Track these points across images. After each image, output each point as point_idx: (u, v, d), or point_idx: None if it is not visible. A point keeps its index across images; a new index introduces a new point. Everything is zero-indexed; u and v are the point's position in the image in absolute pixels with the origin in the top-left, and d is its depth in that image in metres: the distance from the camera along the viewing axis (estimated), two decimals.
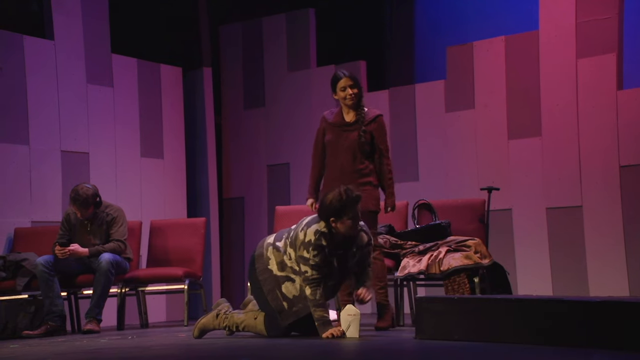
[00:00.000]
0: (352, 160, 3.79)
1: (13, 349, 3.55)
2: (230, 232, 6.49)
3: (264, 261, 3.33)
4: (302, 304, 3.28)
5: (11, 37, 5.09)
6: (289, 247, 3.28)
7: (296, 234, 3.25)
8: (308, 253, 3.18)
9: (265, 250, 3.34)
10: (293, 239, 3.27)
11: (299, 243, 3.22)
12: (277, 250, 3.30)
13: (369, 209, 3.76)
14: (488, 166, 5.45)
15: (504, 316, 2.86)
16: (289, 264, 3.27)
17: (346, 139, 3.80)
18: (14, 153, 5.04)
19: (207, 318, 3.43)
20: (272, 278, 3.29)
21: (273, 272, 3.29)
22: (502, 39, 5.45)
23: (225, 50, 6.61)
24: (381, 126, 3.84)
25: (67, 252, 4.46)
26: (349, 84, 3.80)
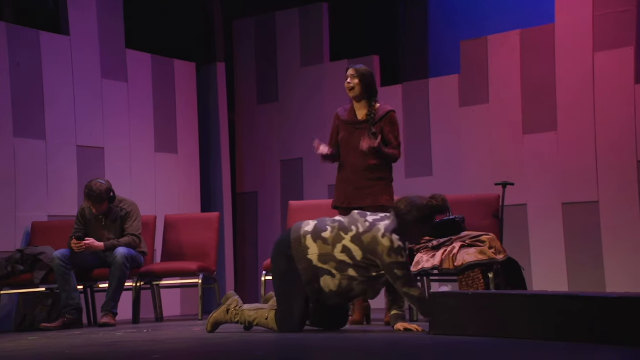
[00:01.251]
0: (364, 158, 3.79)
1: (31, 341, 3.59)
2: (243, 227, 6.51)
3: (302, 249, 3.24)
4: (337, 300, 3.27)
5: (27, 32, 5.13)
6: (347, 242, 3.20)
7: (374, 239, 3.17)
8: (402, 257, 3.19)
9: (303, 238, 3.26)
10: (366, 240, 3.18)
11: (385, 250, 3.17)
12: (323, 242, 3.23)
13: (382, 204, 3.77)
14: (502, 161, 5.42)
15: (519, 312, 2.85)
16: (339, 257, 3.21)
17: (357, 137, 3.81)
18: (30, 148, 5.09)
19: (218, 312, 3.42)
20: (311, 268, 3.23)
21: (312, 262, 3.23)
22: (517, 33, 5.41)
23: (239, 45, 6.61)
24: (392, 122, 3.83)
25: (82, 246, 4.50)
26: (351, 74, 3.82)
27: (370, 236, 3.21)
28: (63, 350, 3.01)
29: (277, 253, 3.33)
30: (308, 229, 3.29)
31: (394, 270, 3.18)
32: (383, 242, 3.19)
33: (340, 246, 3.22)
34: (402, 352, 2.58)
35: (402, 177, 5.83)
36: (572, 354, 2.42)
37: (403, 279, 3.18)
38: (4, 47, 4.97)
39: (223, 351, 2.80)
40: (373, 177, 3.79)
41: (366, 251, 3.21)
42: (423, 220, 3.25)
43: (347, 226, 3.26)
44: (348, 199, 3.85)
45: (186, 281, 5.06)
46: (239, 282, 6.41)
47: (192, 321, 4.69)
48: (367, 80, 3.82)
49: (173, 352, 2.82)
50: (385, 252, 3.18)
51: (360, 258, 3.22)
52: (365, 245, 3.21)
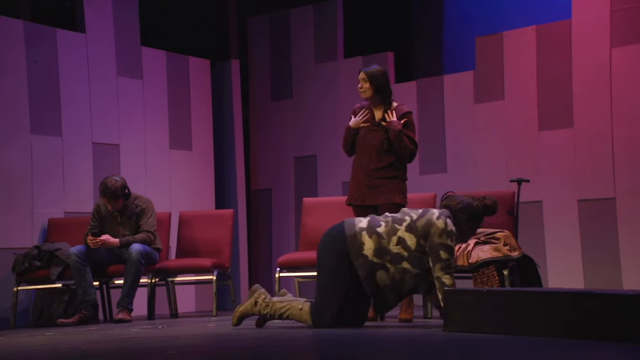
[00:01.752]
0: (378, 160, 3.81)
1: (49, 337, 3.63)
2: (257, 224, 6.53)
3: (358, 245, 3.25)
4: (391, 295, 3.28)
5: (44, 30, 5.18)
6: (402, 233, 3.23)
7: (429, 221, 3.21)
8: (452, 241, 3.21)
9: (359, 235, 3.27)
10: (420, 225, 3.21)
11: (438, 231, 3.19)
12: (379, 237, 3.25)
13: (395, 202, 3.78)
14: (518, 158, 5.38)
15: (534, 309, 2.83)
16: (394, 250, 3.23)
17: (373, 138, 3.82)
18: (47, 145, 5.13)
19: (245, 306, 3.41)
20: (367, 264, 3.24)
21: (368, 258, 3.24)
22: (533, 29, 5.37)
23: (253, 42, 6.62)
24: (408, 124, 3.83)
25: (98, 242, 4.54)
26: (362, 78, 3.83)
27: (425, 220, 3.23)
28: (80, 346, 3.04)
29: (328, 249, 3.32)
30: (363, 225, 3.31)
31: (440, 252, 3.19)
32: (437, 224, 3.21)
33: (396, 238, 3.24)
34: (417, 349, 2.58)
35: (416, 174, 5.81)
36: (588, 352, 2.40)
37: (444, 263, 3.18)
38: (22, 45, 5.02)
39: (238, 347, 2.81)
40: (387, 176, 3.80)
41: (419, 236, 3.22)
42: (474, 219, 3.31)
43: (400, 218, 3.30)
44: (362, 196, 3.86)
45: (201, 278, 5.08)
46: (253, 278, 6.43)
47: (207, 317, 4.71)
48: (379, 82, 3.81)
49: (188, 348, 2.84)
50: (438, 233, 3.20)
51: (414, 247, 3.23)
52: (419, 230, 3.23)
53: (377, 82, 3.81)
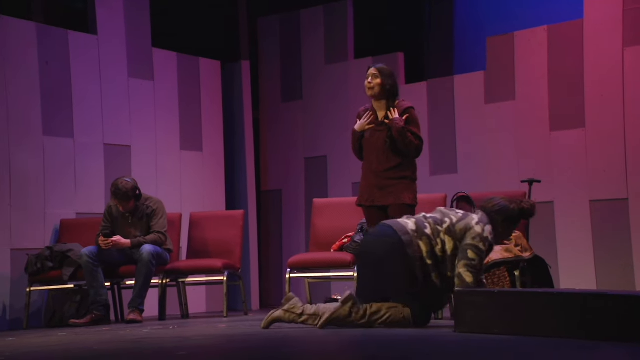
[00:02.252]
0: (386, 160, 3.79)
1: (61, 337, 3.65)
2: (268, 225, 6.53)
3: (415, 248, 3.26)
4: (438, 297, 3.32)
5: (56, 32, 5.21)
6: (443, 235, 3.25)
7: (467, 225, 3.25)
8: (484, 246, 3.24)
9: (413, 238, 3.28)
10: (458, 228, 3.24)
11: (473, 234, 3.23)
12: (428, 239, 3.27)
13: (405, 202, 3.77)
14: (529, 158, 5.36)
15: (545, 310, 2.81)
16: (438, 252, 3.26)
17: (378, 138, 3.81)
18: (59, 146, 5.17)
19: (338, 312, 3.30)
20: (425, 267, 3.26)
21: (425, 261, 3.27)
22: (545, 29, 5.34)
23: (263, 43, 6.63)
24: (410, 119, 3.80)
25: (110, 243, 4.56)
26: (372, 73, 3.80)
27: (464, 224, 3.26)
28: (92, 347, 3.05)
29: (393, 254, 3.29)
30: (413, 228, 3.31)
31: (468, 251, 3.21)
32: (475, 228, 3.24)
33: (439, 241, 3.27)
34: (427, 350, 2.57)
35: (427, 174, 5.80)
36: (599, 353, 2.38)
37: (469, 261, 3.18)
38: (34, 47, 5.06)
39: (249, 348, 2.82)
40: (396, 177, 3.79)
41: (457, 240, 3.25)
42: (510, 221, 3.33)
43: (440, 219, 3.31)
44: (372, 197, 3.85)
45: (211, 278, 5.10)
46: (263, 279, 6.44)
47: (218, 318, 4.72)
48: (389, 81, 3.80)
49: (199, 349, 2.85)
50: (472, 235, 3.23)
51: (450, 251, 3.25)
52: (457, 234, 3.26)
53: (387, 81, 3.80)
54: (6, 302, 4.77)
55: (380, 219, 3.73)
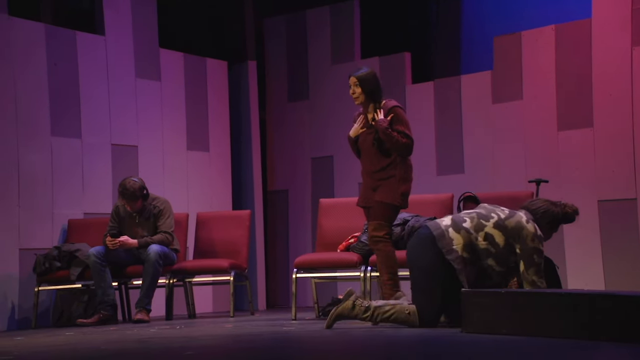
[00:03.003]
0: (378, 161, 3.80)
1: (69, 336, 3.67)
2: (274, 225, 6.54)
3: (447, 241, 3.29)
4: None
5: (64, 33, 5.23)
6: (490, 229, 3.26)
7: (519, 224, 3.26)
8: (542, 246, 3.29)
9: (446, 232, 3.31)
10: (510, 225, 3.26)
11: (529, 234, 3.26)
12: (466, 232, 3.28)
13: (382, 201, 3.76)
14: (536, 158, 5.34)
15: (553, 311, 2.80)
16: (482, 245, 3.27)
17: (368, 141, 3.84)
18: (67, 146, 5.19)
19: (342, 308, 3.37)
20: (459, 259, 3.28)
21: (458, 253, 3.28)
22: (552, 28, 5.32)
23: (270, 43, 6.64)
24: (396, 117, 3.79)
25: (117, 243, 4.58)
26: (353, 82, 3.83)
27: (515, 221, 3.27)
28: (99, 346, 3.07)
29: (422, 249, 3.33)
30: (447, 223, 3.34)
31: (533, 256, 3.24)
32: (528, 227, 3.26)
33: (483, 234, 3.27)
34: (434, 351, 2.57)
35: (433, 175, 5.79)
36: (607, 353, 2.37)
37: (538, 267, 3.24)
38: (43, 48, 5.08)
39: (255, 348, 2.82)
40: (384, 177, 3.80)
41: (509, 236, 3.26)
42: (552, 225, 3.38)
43: (486, 215, 3.34)
44: (367, 198, 3.88)
45: (218, 278, 5.10)
46: (270, 279, 6.44)
47: (225, 318, 4.73)
48: (369, 86, 3.81)
49: (206, 349, 2.85)
50: (530, 236, 3.25)
51: (502, 245, 3.27)
52: (509, 230, 3.26)
53: (368, 87, 3.81)
54: (15, 301, 4.79)
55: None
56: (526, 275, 3.25)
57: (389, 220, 3.80)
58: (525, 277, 3.26)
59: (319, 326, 3.70)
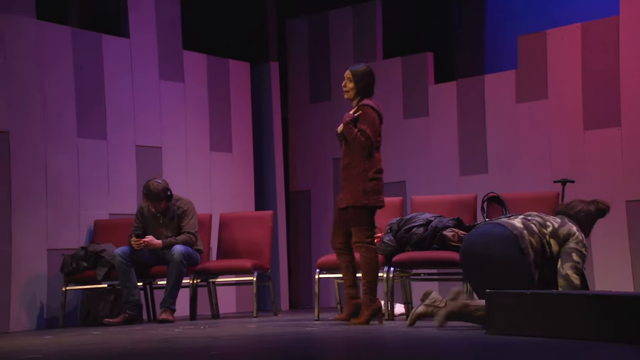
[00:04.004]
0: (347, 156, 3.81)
1: (95, 336, 3.71)
2: (297, 225, 6.55)
3: (527, 243, 3.36)
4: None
5: (90, 36, 5.30)
6: (548, 238, 3.41)
7: (570, 231, 3.43)
8: (586, 251, 3.45)
9: (522, 234, 3.37)
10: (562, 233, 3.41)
11: (576, 239, 3.42)
12: (539, 237, 3.39)
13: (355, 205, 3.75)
14: (562, 158, 5.28)
15: (578, 312, 2.77)
16: (547, 252, 3.39)
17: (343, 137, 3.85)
18: (93, 148, 5.25)
19: (455, 306, 3.36)
20: (533, 262, 3.36)
21: (532, 256, 3.36)
22: (578, 26, 5.25)
23: (292, 44, 6.65)
24: (363, 116, 3.78)
25: (142, 244, 4.62)
26: (347, 77, 3.83)
27: (567, 229, 3.43)
28: (125, 346, 3.10)
29: (506, 248, 3.35)
30: (520, 225, 3.41)
31: (572, 254, 3.37)
32: (578, 236, 3.43)
33: (546, 241, 3.41)
34: (458, 352, 2.55)
35: (456, 175, 5.76)
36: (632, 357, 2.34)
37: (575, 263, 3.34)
38: (69, 51, 5.15)
39: (278, 348, 2.83)
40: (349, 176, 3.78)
41: (561, 244, 3.41)
42: (593, 224, 3.57)
43: (542, 222, 3.45)
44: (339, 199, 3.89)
45: (241, 279, 5.13)
46: (292, 280, 6.45)
47: (248, 318, 4.76)
48: (362, 82, 3.80)
49: (230, 349, 2.87)
50: (575, 241, 3.41)
51: (556, 252, 3.41)
52: (561, 238, 3.42)
53: (361, 83, 3.80)
54: (43, 301, 4.87)
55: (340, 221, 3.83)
56: (561, 270, 3.32)
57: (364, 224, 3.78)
58: (560, 271, 3.32)
59: (341, 327, 3.70)
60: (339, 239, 3.88)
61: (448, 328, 3.49)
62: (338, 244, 3.90)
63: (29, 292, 4.80)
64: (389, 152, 6.14)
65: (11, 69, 4.83)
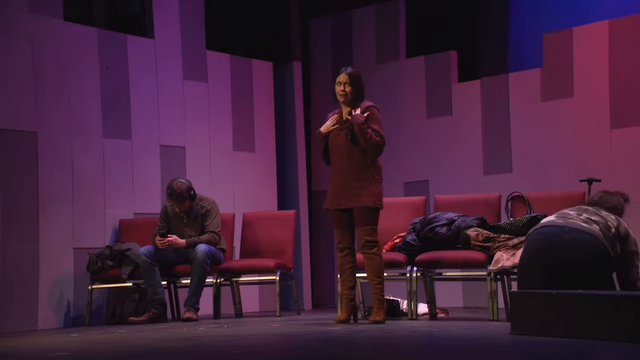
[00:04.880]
0: (349, 159, 3.81)
1: (121, 334, 3.76)
2: (319, 225, 6.55)
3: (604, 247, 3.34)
4: None
5: (116, 37, 5.36)
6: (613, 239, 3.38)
7: (627, 230, 3.41)
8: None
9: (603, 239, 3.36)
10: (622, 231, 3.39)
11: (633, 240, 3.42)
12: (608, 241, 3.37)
13: (368, 206, 3.77)
14: (588, 157, 5.20)
15: (604, 312, 2.73)
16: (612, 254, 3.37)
17: (342, 137, 3.84)
18: (119, 148, 5.31)
19: None
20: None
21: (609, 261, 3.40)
22: (606, 24, 5.18)
23: (315, 44, 6.66)
24: (372, 116, 3.80)
25: (166, 243, 4.66)
26: (345, 81, 3.85)
27: (624, 227, 3.42)
28: (150, 344, 3.13)
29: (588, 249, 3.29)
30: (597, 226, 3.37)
31: (635, 259, 3.37)
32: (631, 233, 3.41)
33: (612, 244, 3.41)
34: (481, 352, 2.53)
35: (480, 174, 5.71)
36: None
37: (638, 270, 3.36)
38: (95, 52, 5.22)
39: (303, 347, 2.84)
40: (361, 178, 3.79)
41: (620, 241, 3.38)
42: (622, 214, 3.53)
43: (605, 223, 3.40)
44: (338, 200, 3.87)
45: (264, 278, 5.14)
46: (315, 279, 6.46)
47: (271, 317, 4.77)
48: (358, 85, 3.85)
49: (254, 348, 2.88)
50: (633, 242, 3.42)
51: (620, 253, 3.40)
52: (621, 235, 3.38)
53: (357, 86, 3.86)
54: (70, 299, 4.94)
55: (344, 222, 3.81)
56: (631, 276, 3.31)
57: (376, 224, 3.84)
58: (630, 277, 3.31)
59: (364, 326, 3.69)
60: (346, 238, 3.90)
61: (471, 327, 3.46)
62: (346, 244, 3.90)
63: (56, 290, 4.87)
64: (412, 152, 6.12)
65: (38, 70, 4.90)
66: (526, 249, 3.39)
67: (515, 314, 3.03)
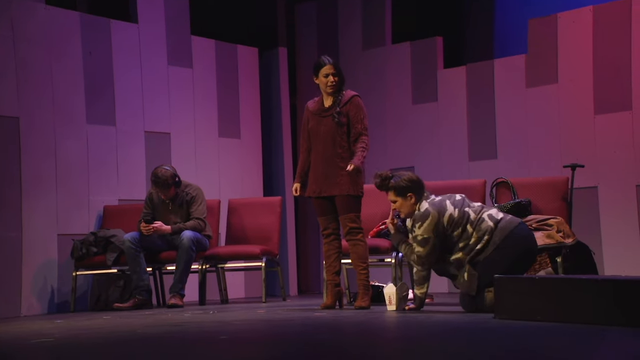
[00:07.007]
0: (332, 145, 3.85)
1: (106, 320, 3.74)
2: (305, 211, 6.56)
3: None
4: None
5: (99, 21, 5.29)
6: None
7: None
8: None
9: None
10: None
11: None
12: None
13: (349, 194, 3.81)
14: (572, 143, 5.24)
15: (588, 297, 2.77)
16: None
17: (325, 125, 3.87)
18: (102, 134, 5.27)
19: None
20: None
21: None
22: (590, 9, 5.19)
23: (301, 29, 6.62)
24: (356, 106, 3.86)
25: (151, 229, 4.65)
26: (332, 72, 3.88)
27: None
28: (135, 330, 3.13)
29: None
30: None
31: None
32: None
33: None
34: (466, 337, 2.56)
35: (465, 160, 5.73)
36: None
37: None
38: (78, 37, 5.15)
39: (288, 333, 2.85)
40: (342, 166, 3.83)
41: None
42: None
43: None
44: (319, 188, 3.90)
45: (250, 264, 5.15)
46: (301, 265, 6.47)
47: (257, 304, 4.78)
48: (342, 74, 3.93)
49: (240, 334, 2.88)
50: None
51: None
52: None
53: (341, 75, 3.92)
54: (54, 286, 4.91)
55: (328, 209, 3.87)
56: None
57: (360, 211, 3.91)
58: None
59: (349, 312, 3.71)
60: (332, 224, 3.93)
61: (455, 313, 3.49)
62: (331, 230, 3.93)
63: (40, 277, 4.84)
64: (397, 138, 6.13)
65: (20, 54, 4.83)
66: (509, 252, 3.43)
67: (499, 299, 3.05)
